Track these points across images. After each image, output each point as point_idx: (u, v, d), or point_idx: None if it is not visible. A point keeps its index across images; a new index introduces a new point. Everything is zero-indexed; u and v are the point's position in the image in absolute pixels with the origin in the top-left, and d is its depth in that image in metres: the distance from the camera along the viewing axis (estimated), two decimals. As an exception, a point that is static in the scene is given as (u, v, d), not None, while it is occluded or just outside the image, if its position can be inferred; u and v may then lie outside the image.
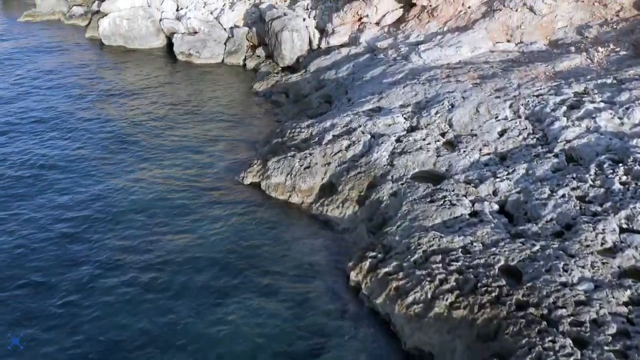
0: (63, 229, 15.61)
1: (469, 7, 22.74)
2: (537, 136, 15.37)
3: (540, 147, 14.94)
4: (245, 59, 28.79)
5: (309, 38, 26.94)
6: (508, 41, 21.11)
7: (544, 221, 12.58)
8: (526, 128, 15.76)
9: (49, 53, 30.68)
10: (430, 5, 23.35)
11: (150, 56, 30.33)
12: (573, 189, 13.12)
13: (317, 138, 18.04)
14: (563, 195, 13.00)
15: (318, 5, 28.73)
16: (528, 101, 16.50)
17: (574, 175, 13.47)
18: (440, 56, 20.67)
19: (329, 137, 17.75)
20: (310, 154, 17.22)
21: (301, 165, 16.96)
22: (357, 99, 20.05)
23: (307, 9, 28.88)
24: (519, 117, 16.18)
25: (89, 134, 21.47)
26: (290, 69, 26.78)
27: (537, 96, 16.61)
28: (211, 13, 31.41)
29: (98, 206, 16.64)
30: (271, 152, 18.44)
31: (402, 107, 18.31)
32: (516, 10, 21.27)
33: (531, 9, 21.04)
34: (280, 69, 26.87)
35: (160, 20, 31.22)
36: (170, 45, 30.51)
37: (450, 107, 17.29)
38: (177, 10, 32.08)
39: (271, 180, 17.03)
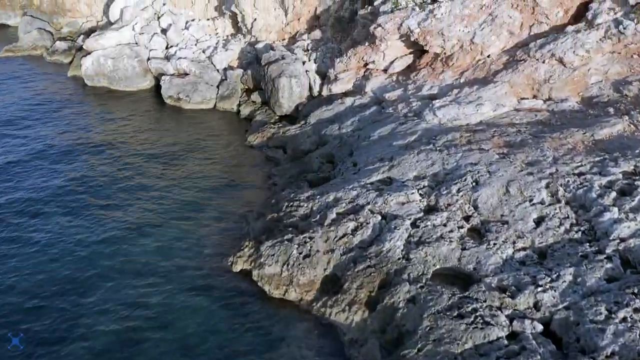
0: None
1: (488, 57, 20.35)
2: (582, 229, 12.84)
3: (587, 244, 12.41)
4: (239, 105, 26.33)
5: (309, 84, 24.52)
6: (534, 97, 18.69)
7: (604, 356, 10.01)
8: (568, 217, 13.23)
9: (26, 93, 28.21)
10: (445, 53, 20.95)
11: (136, 99, 27.87)
12: (636, 310, 10.58)
13: (318, 216, 15.52)
14: (624, 319, 10.46)
15: (319, 46, 26.37)
16: (568, 181, 14.00)
17: (636, 291, 10.92)
18: (458, 115, 18.21)
19: (332, 215, 15.23)
20: (311, 238, 14.68)
21: (300, 253, 14.41)
22: (364, 164, 17.57)
23: (307, 51, 26.51)
24: (558, 201, 13.66)
25: (53, 195, 18.95)
26: (289, 118, 24.35)
27: (578, 175, 14.12)
28: (203, 52, 29.04)
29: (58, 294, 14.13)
30: (265, 230, 15.91)
31: (416, 180, 15.82)
32: (543, 62, 18.87)
33: (560, 61, 18.63)
34: (277, 117, 24.43)
35: (148, 59, 28.81)
36: (158, 86, 28.06)
37: (474, 184, 14.79)
38: (167, 48, 29.72)
39: (264, 270, 14.47)
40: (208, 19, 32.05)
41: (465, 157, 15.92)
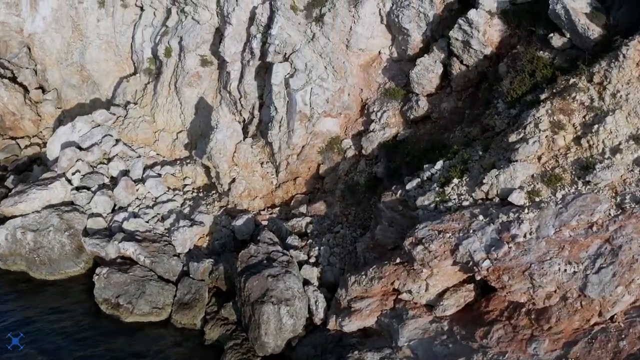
0: None
1: (611, 320, 12.01)
2: None
3: None
4: (204, 320, 17.75)
5: (309, 307, 16.19)
6: None
7: None
8: None
9: None
10: (534, 304, 12.63)
11: (63, 295, 19.29)
12: None
13: None
14: None
15: (323, 231, 18.23)
16: None
17: None
18: None
19: None
20: None
21: None
22: None
23: (307, 236, 18.36)
24: None
25: None
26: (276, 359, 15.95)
27: None
28: (162, 220, 20.92)
29: None
30: None
31: None
32: None
33: None
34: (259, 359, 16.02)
35: (85, 232, 20.58)
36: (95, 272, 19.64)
37: None
38: (114, 210, 21.59)
39: None
40: (176, 160, 24.16)
41: None
